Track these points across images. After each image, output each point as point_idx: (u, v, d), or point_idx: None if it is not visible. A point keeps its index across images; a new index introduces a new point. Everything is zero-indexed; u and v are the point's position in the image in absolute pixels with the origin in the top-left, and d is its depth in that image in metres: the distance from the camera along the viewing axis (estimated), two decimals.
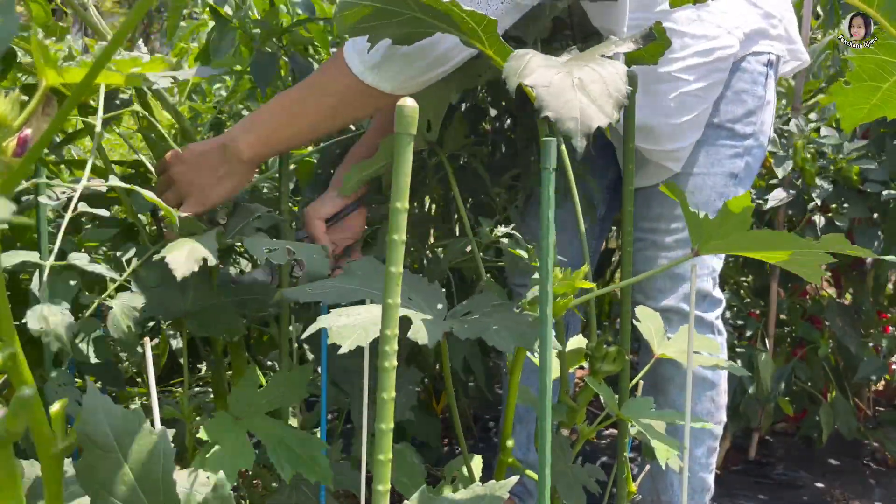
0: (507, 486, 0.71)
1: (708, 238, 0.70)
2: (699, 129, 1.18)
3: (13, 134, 0.42)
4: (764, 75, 1.21)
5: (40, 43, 0.43)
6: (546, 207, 0.57)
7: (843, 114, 0.59)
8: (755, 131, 1.22)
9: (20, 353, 0.44)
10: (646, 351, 1.22)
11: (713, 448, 1.31)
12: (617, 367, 0.86)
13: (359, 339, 0.70)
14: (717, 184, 1.22)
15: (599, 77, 0.68)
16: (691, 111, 1.15)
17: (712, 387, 1.28)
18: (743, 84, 1.19)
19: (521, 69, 0.69)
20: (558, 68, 0.69)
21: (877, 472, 1.89)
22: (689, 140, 1.17)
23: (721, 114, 1.19)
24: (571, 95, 0.65)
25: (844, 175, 1.60)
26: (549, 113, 0.64)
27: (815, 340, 1.80)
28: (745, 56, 1.19)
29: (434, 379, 1.84)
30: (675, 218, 1.23)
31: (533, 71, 0.68)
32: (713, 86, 1.16)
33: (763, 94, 1.21)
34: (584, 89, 0.66)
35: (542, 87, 0.66)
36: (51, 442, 0.49)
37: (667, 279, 1.24)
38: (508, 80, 0.69)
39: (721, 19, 1.15)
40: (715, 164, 1.21)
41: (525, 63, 0.69)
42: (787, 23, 1.24)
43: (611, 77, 0.68)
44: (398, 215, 0.51)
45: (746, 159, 1.23)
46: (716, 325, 1.28)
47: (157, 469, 0.58)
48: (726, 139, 1.21)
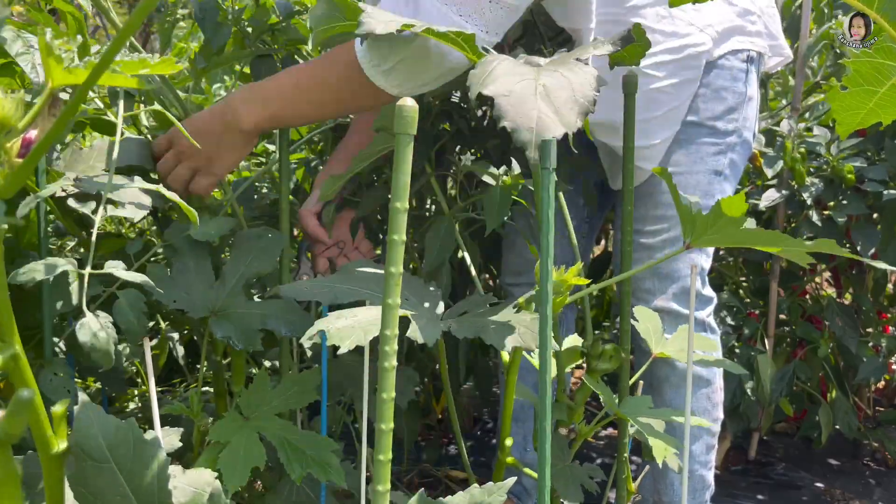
0: (503, 488, 0.71)
1: (700, 233, 0.71)
2: (670, 126, 1.18)
3: (18, 135, 0.42)
4: (744, 71, 1.21)
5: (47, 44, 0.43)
6: (546, 207, 0.57)
7: (839, 118, 0.59)
8: (737, 128, 1.23)
9: (22, 354, 0.44)
10: (641, 352, 1.22)
11: (711, 445, 1.32)
12: (613, 365, 0.86)
13: (357, 339, 0.70)
14: (702, 182, 1.22)
15: (568, 83, 0.67)
16: (660, 108, 1.15)
17: (707, 384, 1.28)
18: (722, 81, 1.20)
19: (484, 77, 0.68)
20: (523, 76, 0.68)
21: (877, 472, 1.89)
22: (658, 137, 1.17)
23: (701, 112, 1.20)
24: (531, 105, 0.64)
25: (838, 173, 1.61)
26: (507, 123, 0.63)
27: (815, 340, 1.80)
28: (724, 54, 1.19)
29: (433, 378, 1.84)
30: (660, 219, 1.23)
31: (496, 79, 0.67)
32: (685, 83, 1.16)
33: (744, 91, 1.22)
34: (547, 97, 0.65)
35: (502, 96, 0.65)
36: (51, 444, 0.49)
37: (655, 280, 1.24)
38: (471, 88, 0.68)
39: (693, 17, 1.15)
40: (698, 163, 1.21)
41: (489, 71, 0.68)
42: (767, 18, 1.25)
43: (580, 83, 0.67)
44: (398, 215, 0.51)
45: (730, 156, 1.23)
46: (707, 323, 1.28)
47: (151, 479, 0.58)
48: (707, 136, 1.21)
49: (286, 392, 0.96)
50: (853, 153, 1.62)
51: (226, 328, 0.95)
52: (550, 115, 0.64)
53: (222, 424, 0.90)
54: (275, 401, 0.95)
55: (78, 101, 0.39)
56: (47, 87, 0.44)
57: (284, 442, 0.89)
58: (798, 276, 1.86)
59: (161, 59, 0.54)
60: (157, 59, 0.55)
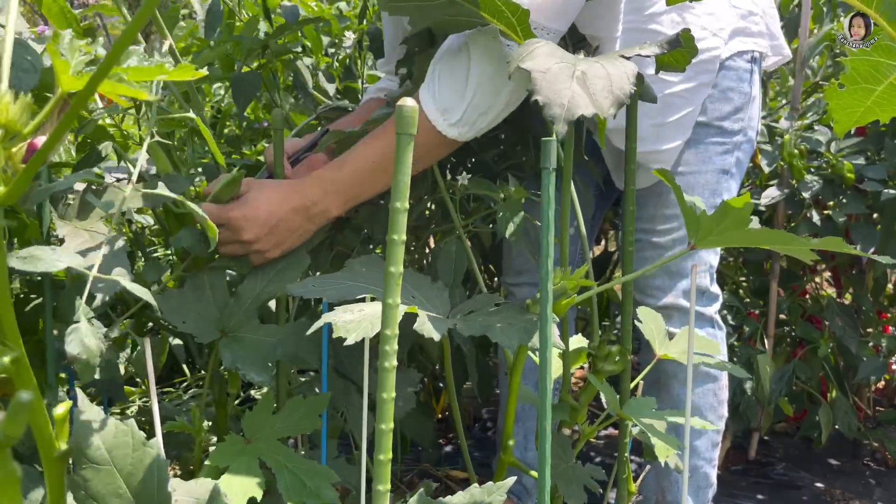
0: (503, 488, 0.71)
1: (706, 234, 0.71)
2: (686, 130, 1.19)
3: (24, 140, 0.41)
4: (749, 72, 1.23)
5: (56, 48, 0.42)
6: (546, 207, 0.57)
7: (837, 116, 0.59)
8: (743, 127, 1.24)
9: (24, 357, 0.44)
10: (647, 350, 1.23)
11: (716, 442, 1.32)
12: (619, 366, 0.86)
13: (364, 331, 0.70)
14: (710, 181, 1.23)
15: (606, 73, 0.68)
16: (676, 112, 1.16)
17: (714, 381, 1.29)
18: (729, 82, 1.21)
19: (525, 54, 0.70)
20: (563, 59, 0.70)
21: (877, 472, 1.89)
22: (674, 141, 1.18)
23: (709, 112, 1.21)
24: (566, 84, 0.66)
25: (837, 172, 1.60)
26: (540, 97, 0.66)
27: (815, 340, 1.80)
28: (731, 55, 1.20)
29: (434, 379, 1.84)
30: (670, 218, 1.24)
31: (535, 57, 0.70)
32: (700, 87, 1.17)
33: (749, 91, 1.23)
34: (584, 82, 0.67)
35: (539, 72, 0.67)
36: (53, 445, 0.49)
37: (665, 277, 1.25)
38: (510, 63, 0.71)
39: (706, 21, 1.16)
40: (706, 162, 1.22)
41: (531, 50, 0.71)
42: (768, 18, 1.26)
43: (617, 75, 0.68)
44: (398, 215, 0.51)
45: (737, 155, 1.25)
46: (715, 320, 1.30)
47: (151, 481, 0.58)
48: (715, 136, 1.22)
49: (290, 416, 0.92)
50: (853, 152, 1.62)
51: (235, 356, 0.90)
52: (584, 97, 0.65)
53: (223, 448, 0.87)
54: (277, 424, 0.91)
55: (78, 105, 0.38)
56: (56, 92, 0.43)
57: (284, 469, 0.86)
58: (798, 276, 1.86)
59: (179, 65, 0.49)
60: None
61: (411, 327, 0.74)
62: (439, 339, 0.73)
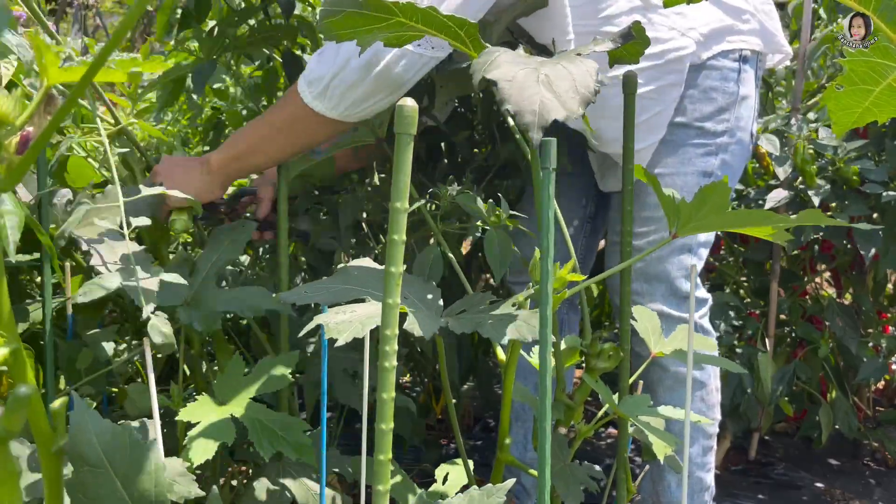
0: (503, 490, 0.71)
1: (686, 221, 0.71)
2: (657, 130, 1.18)
3: (16, 132, 0.43)
4: (736, 71, 1.21)
5: (42, 42, 0.43)
6: (546, 207, 0.57)
7: (835, 117, 0.59)
8: (729, 128, 1.22)
9: (21, 350, 0.44)
10: (635, 355, 1.21)
11: (709, 447, 1.32)
12: (612, 364, 0.86)
13: (355, 332, 0.71)
14: (689, 183, 1.21)
15: (569, 74, 0.68)
16: (644, 113, 1.15)
17: (701, 387, 1.28)
18: (712, 82, 1.19)
19: (487, 64, 0.70)
20: (525, 65, 0.70)
21: (877, 472, 1.89)
22: (646, 142, 1.17)
23: (689, 113, 1.19)
24: (534, 90, 0.67)
25: (843, 175, 1.60)
26: (510, 106, 0.65)
27: (815, 340, 1.80)
28: (714, 55, 1.18)
29: (433, 378, 1.85)
30: (647, 220, 1.23)
31: (499, 66, 0.70)
32: (667, 87, 1.16)
33: (736, 90, 1.21)
34: (549, 85, 0.68)
35: (505, 80, 0.67)
36: (50, 440, 0.49)
37: (643, 282, 1.24)
38: (474, 74, 0.71)
39: (674, 21, 1.15)
40: (685, 164, 1.21)
41: (492, 59, 0.71)
42: (762, 16, 1.24)
43: (580, 74, 0.68)
44: (398, 215, 0.51)
45: (721, 157, 1.23)
46: (701, 325, 1.27)
47: (148, 483, 0.58)
48: (696, 138, 1.21)
49: (259, 376, 0.98)
50: (858, 155, 1.62)
51: (190, 314, 0.99)
52: (552, 101, 0.65)
53: (194, 406, 0.92)
54: (249, 385, 0.97)
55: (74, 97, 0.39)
56: (43, 84, 0.45)
57: (256, 422, 0.91)
58: (798, 276, 1.86)
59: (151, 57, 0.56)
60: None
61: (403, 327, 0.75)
62: (430, 337, 0.73)
